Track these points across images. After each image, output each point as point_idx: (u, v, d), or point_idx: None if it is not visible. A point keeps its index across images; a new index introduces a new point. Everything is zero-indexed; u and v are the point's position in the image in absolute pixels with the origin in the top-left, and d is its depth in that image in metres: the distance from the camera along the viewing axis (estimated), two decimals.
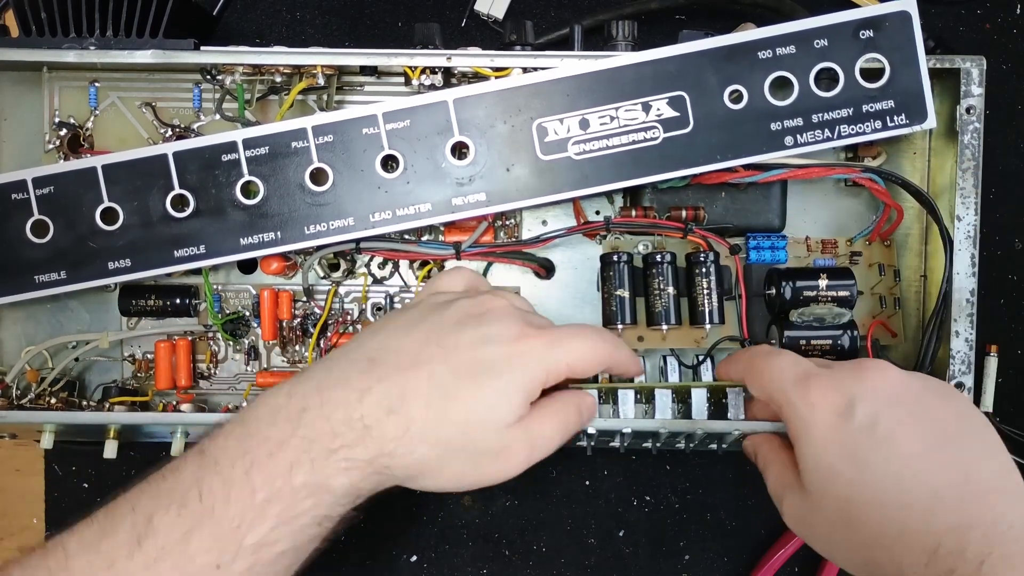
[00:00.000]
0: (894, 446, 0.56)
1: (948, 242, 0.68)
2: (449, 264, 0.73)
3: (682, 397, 0.68)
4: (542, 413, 0.60)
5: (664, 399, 0.67)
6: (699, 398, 0.67)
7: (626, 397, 0.67)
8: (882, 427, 0.57)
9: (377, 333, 0.60)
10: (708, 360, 0.71)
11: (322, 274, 0.73)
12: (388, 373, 0.57)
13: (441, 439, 0.56)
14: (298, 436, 0.55)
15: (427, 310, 0.61)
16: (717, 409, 0.68)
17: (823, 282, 0.68)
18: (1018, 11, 0.82)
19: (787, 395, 0.60)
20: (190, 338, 0.74)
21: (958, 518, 0.54)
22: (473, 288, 0.65)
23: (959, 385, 0.68)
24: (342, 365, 0.58)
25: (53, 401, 0.72)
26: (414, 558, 0.83)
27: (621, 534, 0.82)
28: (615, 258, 0.70)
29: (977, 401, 0.74)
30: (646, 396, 0.68)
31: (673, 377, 0.70)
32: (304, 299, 0.74)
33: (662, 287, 0.69)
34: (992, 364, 0.79)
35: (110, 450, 0.72)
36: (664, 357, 0.72)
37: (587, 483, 0.82)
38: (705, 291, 0.69)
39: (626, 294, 0.70)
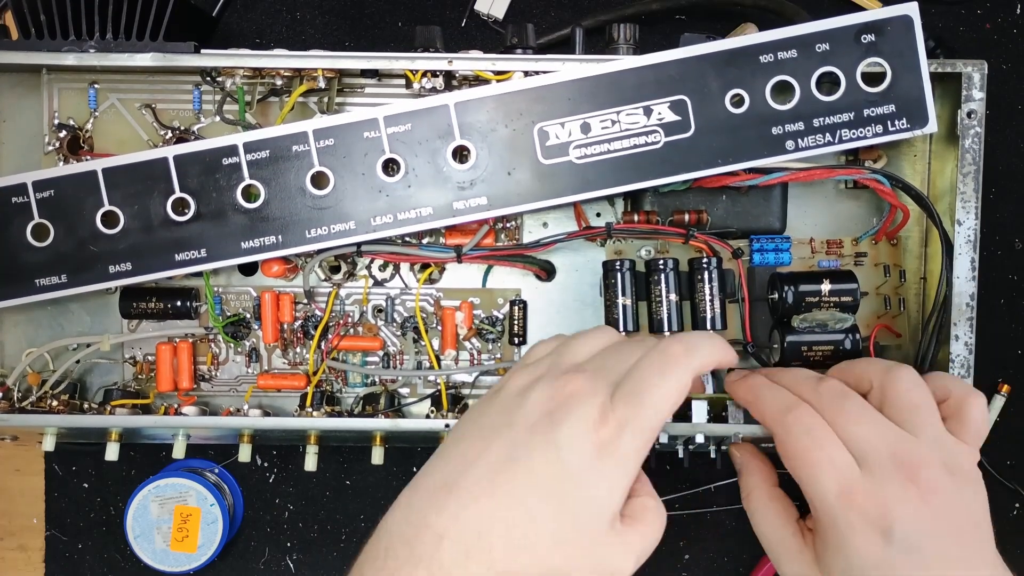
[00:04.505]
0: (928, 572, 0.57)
1: (947, 247, 0.68)
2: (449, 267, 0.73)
3: (682, 410, 0.68)
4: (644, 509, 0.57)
5: None
6: (699, 411, 0.68)
7: None
8: (925, 559, 0.57)
9: (461, 440, 0.58)
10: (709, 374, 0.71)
11: (323, 276, 0.73)
12: (463, 506, 0.53)
13: (528, 571, 0.53)
14: None
15: (504, 407, 0.58)
16: (717, 420, 0.68)
17: (826, 286, 0.68)
18: (1018, 11, 0.82)
19: (826, 500, 0.59)
20: (191, 340, 0.74)
21: None
22: (551, 358, 0.60)
23: None
24: (421, 495, 0.55)
25: (54, 404, 0.72)
26: None
27: None
28: (617, 265, 0.70)
29: None
30: None
31: None
32: (305, 301, 0.74)
33: (664, 294, 0.70)
34: (998, 403, 0.79)
35: (111, 452, 0.72)
36: None
37: None
38: (707, 297, 0.69)
39: (628, 301, 0.70)
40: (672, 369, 0.57)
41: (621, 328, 0.70)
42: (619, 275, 0.70)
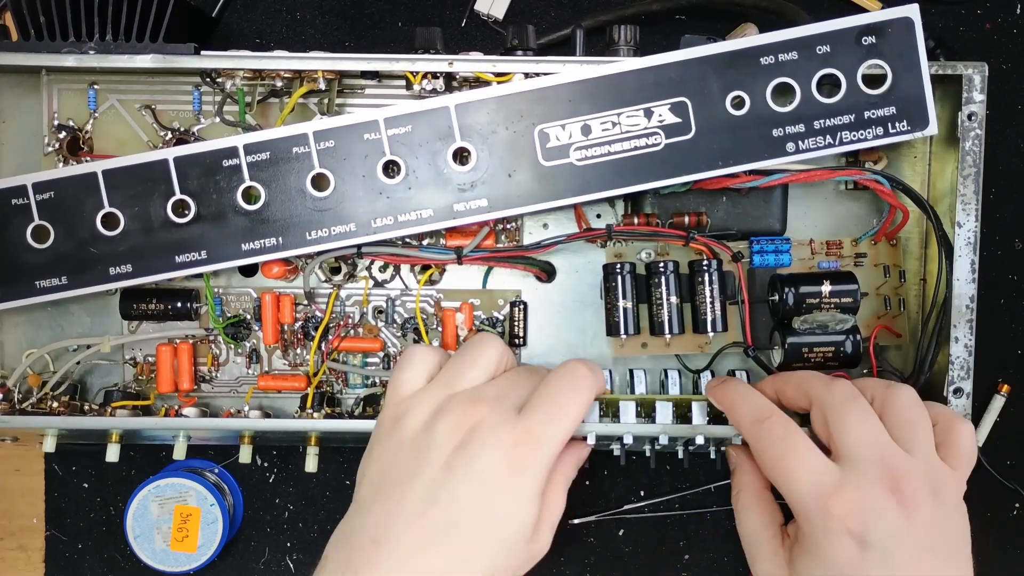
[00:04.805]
0: None
1: (947, 250, 0.68)
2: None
3: (682, 412, 0.68)
4: (551, 489, 0.61)
5: (665, 412, 0.67)
6: (699, 412, 0.68)
7: (627, 410, 0.68)
8: (898, 569, 0.57)
9: (377, 489, 0.60)
10: (710, 374, 0.71)
11: (323, 278, 0.73)
12: (398, 558, 0.57)
13: None
14: None
15: (412, 447, 0.60)
16: (717, 422, 0.68)
17: (826, 288, 0.68)
18: (1018, 11, 0.82)
19: (804, 504, 0.59)
20: (191, 341, 0.74)
21: None
22: (443, 385, 0.63)
23: (958, 391, 0.68)
24: (350, 552, 0.59)
25: (55, 405, 0.72)
26: None
27: (621, 534, 0.83)
28: (617, 268, 0.70)
29: None
30: (647, 411, 0.68)
31: (674, 391, 0.71)
32: (305, 302, 0.74)
33: (665, 296, 0.70)
34: (998, 403, 0.79)
35: (112, 454, 0.73)
36: (665, 371, 0.72)
37: (587, 483, 0.82)
38: (708, 300, 0.70)
39: (629, 304, 0.70)
40: (582, 388, 0.62)
41: (622, 332, 0.70)
42: (619, 278, 0.70)
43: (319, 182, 0.66)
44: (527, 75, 0.67)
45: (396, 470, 0.60)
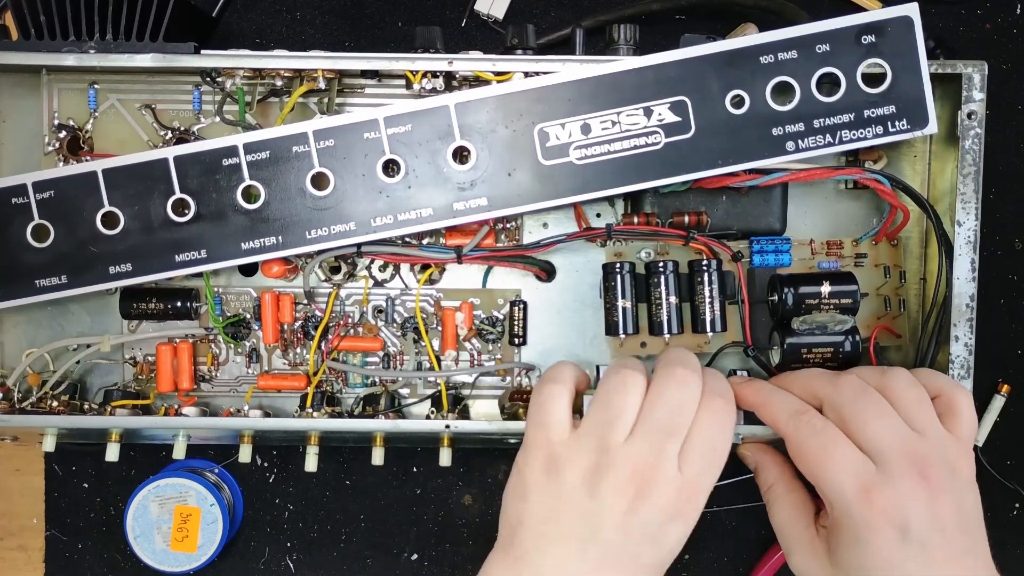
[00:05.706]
0: (938, 571, 0.59)
1: (947, 249, 0.68)
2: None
3: None
4: None
5: None
6: None
7: None
8: (932, 553, 0.59)
9: (546, 551, 0.61)
10: None
11: (323, 277, 0.73)
12: None
13: None
14: None
15: (579, 510, 0.61)
16: None
17: (826, 288, 0.68)
18: (1018, 11, 0.82)
19: (845, 497, 0.60)
20: (191, 341, 0.74)
21: None
22: (596, 438, 0.63)
23: None
24: None
25: (55, 404, 0.72)
26: (415, 556, 0.84)
27: None
28: (617, 268, 0.70)
29: None
30: None
31: None
32: (305, 302, 0.74)
33: (664, 296, 0.70)
34: (998, 403, 0.79)
35: (112, 453, 0.73)
36: None
37: None
38: (707, 300, 0.69)
39: (628, 304, 0.70)
40: (728, 425, 0.63)
41: (621, 332, 0.70)
42: (619, 277, 0.70)
43: (319, 181, 0.66)
44: (527, 74, 0.67)
45: (566, 526, 0.61)
